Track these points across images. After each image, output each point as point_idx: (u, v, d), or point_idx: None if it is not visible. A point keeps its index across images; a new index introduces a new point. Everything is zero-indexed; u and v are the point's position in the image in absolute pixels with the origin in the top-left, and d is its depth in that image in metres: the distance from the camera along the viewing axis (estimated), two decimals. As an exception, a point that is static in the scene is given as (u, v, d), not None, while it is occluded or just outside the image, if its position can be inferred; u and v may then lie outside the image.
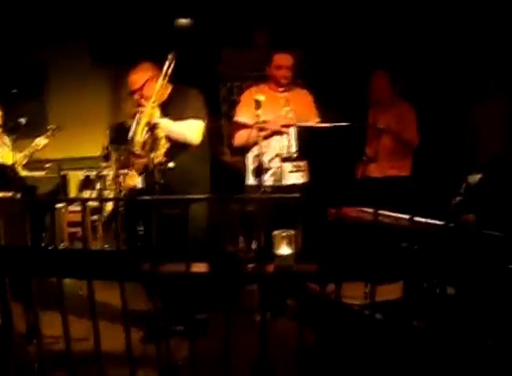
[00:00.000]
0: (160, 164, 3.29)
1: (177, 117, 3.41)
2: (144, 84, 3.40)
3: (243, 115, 3.95)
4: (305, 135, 3.92)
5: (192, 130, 3.45)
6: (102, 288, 2.21)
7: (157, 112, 3.36)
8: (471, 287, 2.26)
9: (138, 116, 3.36)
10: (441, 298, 2.12)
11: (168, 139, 3.39)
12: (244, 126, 3.88)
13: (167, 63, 3.24)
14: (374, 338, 2.10)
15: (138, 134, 3.30)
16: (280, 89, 4.03)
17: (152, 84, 3.38)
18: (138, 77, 3.44)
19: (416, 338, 2.18)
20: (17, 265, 2.16)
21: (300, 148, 3.93)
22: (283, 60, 3.99)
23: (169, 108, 3.42)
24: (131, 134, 3.34)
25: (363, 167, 4.44)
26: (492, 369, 2.23)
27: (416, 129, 4.45)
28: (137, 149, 3.31)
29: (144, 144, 3.31)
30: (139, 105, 3.44)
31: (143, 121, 3.28)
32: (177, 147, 3.43)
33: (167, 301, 2.73)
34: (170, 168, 3.34)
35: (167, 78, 3.30)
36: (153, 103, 3.31)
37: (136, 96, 3.45)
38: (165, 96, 3.46)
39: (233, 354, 2.09)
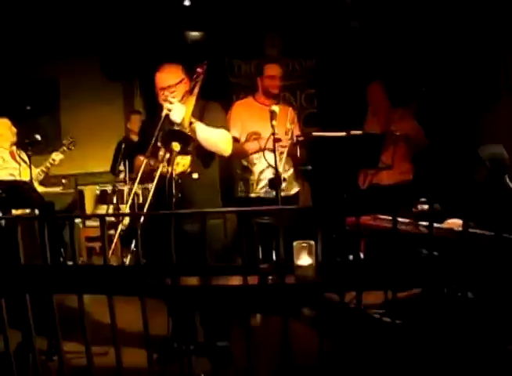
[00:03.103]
0: (183, 173, 3.10)
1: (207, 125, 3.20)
2: (180, 82, 3.21)
3: (235, 131, 3.92)
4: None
5: (224, 140, 3.26)
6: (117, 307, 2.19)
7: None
8: (491, 292, 2.25)
9: (164, 113, 3.02)
10: (462, 304, 2.10)
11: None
12: (235, 140, 3.84)
13: (201, 76, 3.09)
14: (394, 345, 2.09)
15: (186, 126, 2.98)
16: (268, 102, 4.04)
17: (185, 85, 3.22)
18: (174, 74, 3.24)
19: (435, 344, 2.16)
20: (38, 281, 2.18)
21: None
22: (274, 70, 4.14)
23: (198, 117, 3.17)
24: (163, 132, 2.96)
25: (371, 175, 4.46)
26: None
27: (423, 133, 4.51)
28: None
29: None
30: (164, 104, 3.11)
31: (187, 115, 3.01)
32: (203, 157, 3.24)
33: (187, 318, 2.70)
34: (194, 179, 3.16)
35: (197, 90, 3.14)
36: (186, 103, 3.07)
37: (166, 93, 3.20)
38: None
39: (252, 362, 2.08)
